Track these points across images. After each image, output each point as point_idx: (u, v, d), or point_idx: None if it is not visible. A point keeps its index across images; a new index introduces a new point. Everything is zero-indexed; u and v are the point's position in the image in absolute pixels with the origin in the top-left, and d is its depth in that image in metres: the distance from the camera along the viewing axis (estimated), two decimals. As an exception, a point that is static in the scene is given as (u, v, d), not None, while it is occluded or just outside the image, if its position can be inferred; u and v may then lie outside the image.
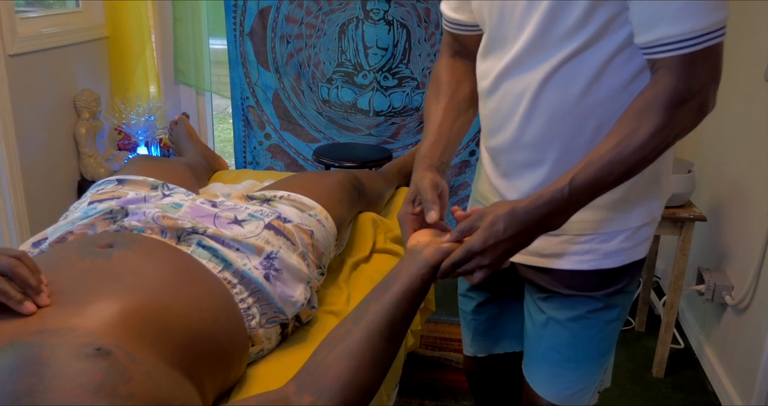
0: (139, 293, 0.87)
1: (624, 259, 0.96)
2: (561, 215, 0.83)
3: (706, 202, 2.15)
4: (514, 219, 0.82)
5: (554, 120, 0.88)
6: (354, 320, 0.84)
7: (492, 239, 0.83)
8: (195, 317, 0.91)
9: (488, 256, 0.84)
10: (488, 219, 0.84)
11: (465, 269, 0.85)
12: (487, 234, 0.83)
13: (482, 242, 0.83)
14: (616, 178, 0.81)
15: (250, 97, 2.76)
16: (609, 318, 0.99)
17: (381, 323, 0.82)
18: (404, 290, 0.85)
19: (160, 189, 1.33)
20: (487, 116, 0.98)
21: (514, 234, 0.83)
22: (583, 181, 0.81)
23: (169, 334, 0.85)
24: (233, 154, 2.92)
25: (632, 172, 0.81)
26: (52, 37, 2.37)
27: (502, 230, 0.82)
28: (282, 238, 1.18)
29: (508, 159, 0.96)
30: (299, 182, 1.42)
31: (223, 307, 1.00)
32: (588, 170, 0.81)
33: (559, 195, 0.81)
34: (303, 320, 1.20)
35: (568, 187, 0.81)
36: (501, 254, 0.84)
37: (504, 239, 0.83)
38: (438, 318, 2.27)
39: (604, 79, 0.84)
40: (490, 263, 0.84)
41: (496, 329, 1.18)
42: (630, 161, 0.80)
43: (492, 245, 0.83)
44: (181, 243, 1.09)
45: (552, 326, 1.01)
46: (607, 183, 0.81)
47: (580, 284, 0.98)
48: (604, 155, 0.80)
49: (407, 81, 2.59)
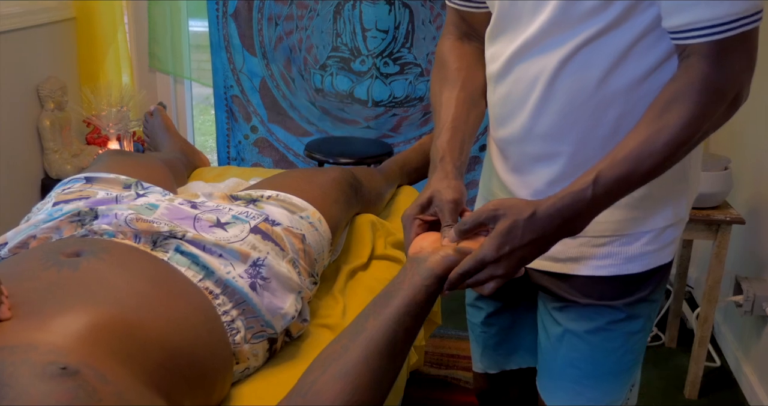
0: (110, 306, 0.87)
1: (648, 263, 0.97)
2: (583, 219, 0.84)
3: (744, 202, 2.15)
4: (534, 225, 0.83)
5: (571, 109, 0.88)
6: (351, 335, 0.84)
7: (508, 246, 0.83)
8: (172, 331, 0.91)
9: (502, 265, 0.84)
10: (505, 224, 0.83)
11: (476, 279, 0.85)
12: (503, 241, 0.83)
13: (496, 249, 0.83)
14: (643, 176, 0.82)
15: (235, 86, 2.76)
16: (632, 330, 1.00)
17: (381, 340, 0.82)
18: (407, 303, 0.85)
19: (133, 188, 1.33)
20: (496, 103, 0.98)
21: (533, 240, 0.83)
22: (608, 179, 0.81)
23: (144, 351, 0.85)
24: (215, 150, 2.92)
25: (661, 169, 0.82)
26: (11, 19, 2.37)
27: (519, 238, 0.83)
28: (270, 243, 1.18)
29: (519, 152, 0.96)
30: (289, 181, 1.42)
31: (204, 320, 1.00)
32: (613, 168, 0.81)
33: (582, 196, 0.82)
34: (293, 335, 1.20)
35: (592, 187, 0.81)
36: (516, 263, 0.84)
37: (521, 245, 0.83)
38: (444, 332, 2.27)
39: (627, 65, 0.84)
40: (505, 272, 0.84)
41: (508, 341, 1.18)
42: (659, 157, 0.80)
43: (507, 253, 0.83)
44: (157, 249, 1.09)
45: (569, 339, 1.02)
46: (634, 182, 0.82)
47: (600, 292, 0.98)
48: (631, 151, 0.80)
49: (410, 67, 2.59)
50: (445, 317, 2.20)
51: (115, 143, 2.74)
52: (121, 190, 1.30)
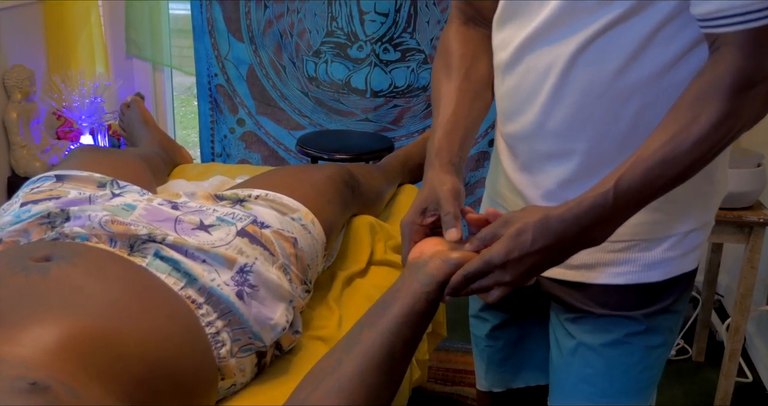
0: (82, 316, 0.87)
1: (669, 271, 0.97)
2: (604, 227, 0.84)
3: (779, 202, 2.15)
4: (547, 229, 0.83)
5: (586, 102, 0.89)
6: (345, 348, 0.84)
7: (517, 251, 0.83)
8: (151, 344, 0.92)
9: (510, 271, 0.84)
10: (515, 227, 0.84)
11: (481, 284, 0.86)
12: (512, 245, 0.83)
13: (505, 253, 0.84)
14: (670, 181, 0.82)
15: (219, 75, 2.76)
16: (652, 343, 1.00)
17: (377, 353, 0.83)
18: (405, 313, 0.85)
19: (108, 187, 1.33)
20: (504, 96, 0.98)
21: (545, 247, 0.84)
22: (631, 183, 0.81)
23: (120, 366, 0.85)
24: (198, 145, 2.92)
25: (689, 172, 0.82)
26: (-25, 1, 2.37)
27: (530, 242, 0.83)
28: (258, 247, 1.18)
29: (529, 149, 0.97)
30: (280, 179, 1.42)
31: (186, 332, 1.01)
32: (636, 170, 0.81)
33: (602, 201, 0.82)
34: (284, 348, 1.20)
35: (613, 191, 0.81)
36: (526, 270, 0.85)
37: (531, 251, 0.83)
38: (450, 345, 2.27)
39: (648, 54, 0.85)
40: (512, 279, 0.85)
41: (515, 357, 1.19)
42: (687, 159, 0.80)
43: (516, 259, 0.84)
44: (135, 254, 1.09)
45: (583, 353, 1.02)
46: (659, 187, 0.82)
47: (617, 302, 0.98)
48: (656, 152, 0.80)
49: (412, 54, 2.60)
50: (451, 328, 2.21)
51: (89, 138, 2.74)
52: (95, 190, 1.30)
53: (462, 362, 2.20)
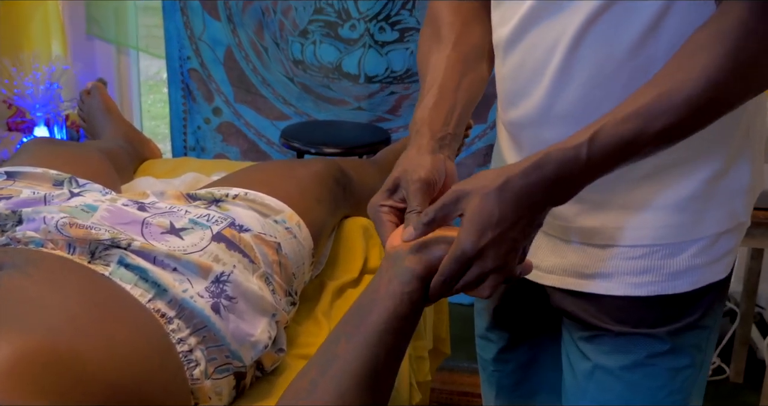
0: (36, 332, 0.87)
1: (697, 280, 0.97)
2: (573, 185, 0.83)
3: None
4: (512, 196, 0.81)
5: (598, 81, 0.89)
6: (319, 367, 0.84)
7: (489, 232, 0.81)
8: (114, 365, 0.92)
9: (490, 256, 0.82)
10: (473, 203, 0.82)
11: (465, 281, 0.84)
12: (480, 227, 0.81)
13: (475, 240, 0.81)
14: (653, 138, 0.81)
15: (193, 57, 2.76)
16: (677, 365, 1.00)
17: (358, 369, 0.82)
18: (386, 318, 0.84)
19: (66, 185, 1.33)
20: (505, 77, 0.98)
21: (517, 217, 0.81)
22: (610, 138, 0.80)
23: (79, 388, 0.85)
24: (169, 137, 2.92)
25: (677, 132, 0.81)
26: None
27: (498, 217, 0.81)
28: (237, 253, 1.18)
29: (535, 137, 0.96)
30: (261, 176, 1.43)
31: (155, 351, 1.01)
32: (617, 125, 0.80)
33: (573, 155, 0.80)
34: (266, 368, 1.21)
35: (587, 146, 0.80)
36: (508, 250, 0.83)
37: (505, 227, 0.81)
38: (455, 365, 2.27)
39: (667, 24, 0.85)
40: (496, 265, 0.83)
41: (528, 381, 1.19)
42: (675, 115, 0.79)
43: (491, 241, 0.81)
44: (96, 261, 1.09)
45: (599, 377, 1.02)
46: (641, 144, 0.81)
47: (637, 317, 0.98)
48: (642, 105, 0.80)
49: (411, 34, 2.60)
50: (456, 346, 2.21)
51: (44, 130, 2.74)
52: (51, 189, 1.30)
53: (468, 384, 2.21)
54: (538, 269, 1.02)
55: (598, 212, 0.96)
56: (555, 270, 1.02)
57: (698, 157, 0.92)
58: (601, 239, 0.97)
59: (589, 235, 0.97)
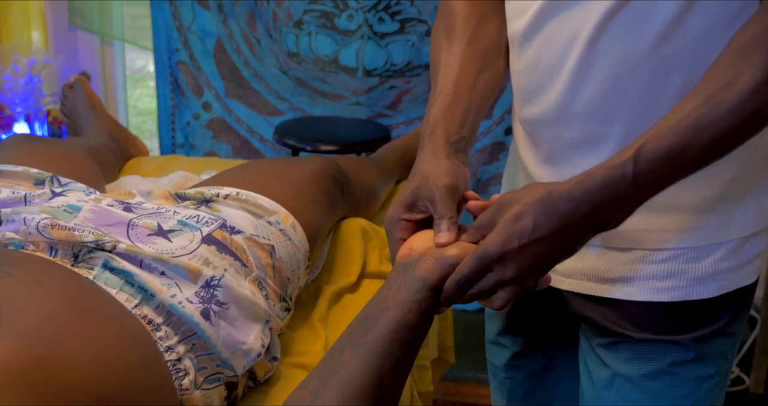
0: (17, 338, 0.87)
1: (723, 285, 0.97)
2: (620, 206, 0.83)
3: None
4: (551, 210, 0.82)
5: (620, 77, 0.89)
6: (322, 376, 0.84)
7: (516, 239, 0.82)
8: (98, 374, 0.92)
9: (511, 265, 0.83)
10: (511, 210, 0.83)
11: (480, 287, 0.85)
12: (509, 232, 0.82)
13: (501, 243, 0.82)
14: (702, 152, 0.81)
15: (182, 50, 2.76)
16: (703, 374, 1.00)
17: (362, 380, 0.82)
18: (393, 328, 0.84)
19: (47, 184, 1.33)
20: (521, 73, 0.98)
21: (550, 233, 0.82)
22: (655, 153, 0.80)
23: (61, 397, 0.85)
24: (156, 134, 2.92)
25: (727, 142, 0.81)
26: None
27: (531, 227, 0.82)
28: (228, 256, 1.18)
29: (553, 136, 0.96)
30: (254, 175, 1.42)
31: (141, 359, 1.00)
32: (662, 139, 0.80)
33: (620, 174, 0.81)
34: (259, 378, 1.20)
35: (633, 163, 0.80)
36: (531, 264, 0.84)
37: (534, 239, 0.82)
38: (459, 375, 2.27)
39: (695, 15, 0.84)
40: (515, 276, 0.84)
41: (541, 390, 1.19)
42: (723, 125, 0.79)
43: (516, 249, 0.82)
44: (80, 264, 1.09)
45: (620, 386, 1.02)
46: (690, 159, 0.81)
47: (660, 324, 0.98)
48: (686, 116, 0.80)
49: (412, 25, 2.60)
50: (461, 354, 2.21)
51: (24, 126, 2.73)
52: (32, 188, 1.30)
53: (473, 395, 2.21)
54: (555, 272, 1.02)
55: None
56: (573, 274, 1.01)
57: None
58: (622, 242, 0.97)
59: (610, 237, 0.97)
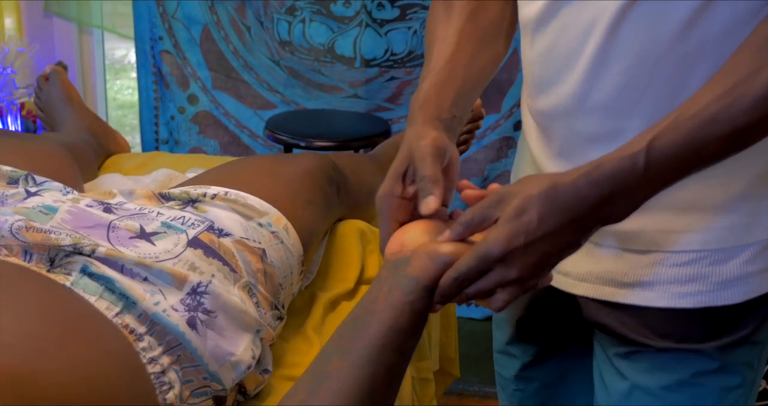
0: (-11, 350, 0.87)
1: (750, 290, 0.97)
2: (628, 199, 0.83)
3: None
4: (556, 202, 0.82)
5: (640, 67, 0.89)
6: (310, 386, 0.84)
7: (521, 236, 0.82)
8: (77, 387, 0.92)
9: (516, 265, 0.83)
10: (513, 204, 0.83)
11: (479, 287, 0.84)
12: (513, 229, 0.82)
13: (505, 242, 0.82)
14: (719, 145, 0.81)
15: (165, 38, 2.76)
16: (728, 384, 1.00)
17: (353, 390, 0.82)
18: (385, 333, 0.84)
19: (21, 184, 1.33)
20: (534, 61, 0.99)
21: (557, 227, 0.82)
22: (671, 147, 0.80)
23: (38, 414, 0.85)
24: (138, 129, 2.92)
25: (747, 137, 0.82)
26: None
27: (536, 221, 0.82)
28: (216, 261, 1.18)
29: (568, 129, 0.97)
30: (243, 173, 1.43)
31: (123, 372, 1.01)
32: (679, 130, 0.80)
33: (630, 165, 0.81)
34: (249, 392, 1.20)
35: (645, 154, 0.81)
36: (537, 262, 0.84)
37: (540, 235, 0.82)
38: (464, 388, 2.27)
39: (720, 5, 0.85)
40: (519, 276, 0.83)
41: (554, 402, 1.19)
42: (744, 118, 0.80)
43: (521, 248, 0.82)
44: (56, 270, 1.09)
45: (638, 399, 1.02)
46: (706, 153, 0.81)
47: (682, 332, 0.98)
48: (707, 107, 0.80)
49: (414, 11, 2.60)
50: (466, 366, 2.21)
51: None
52: (5, 187, 1.30)
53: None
54: (568, 276, 1.02)
55: (637, 214, 0.96)
56: (588, 278, 1.01)
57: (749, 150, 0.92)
58: (641, 244, 0.97)
59: (627, 239, 0.97)
